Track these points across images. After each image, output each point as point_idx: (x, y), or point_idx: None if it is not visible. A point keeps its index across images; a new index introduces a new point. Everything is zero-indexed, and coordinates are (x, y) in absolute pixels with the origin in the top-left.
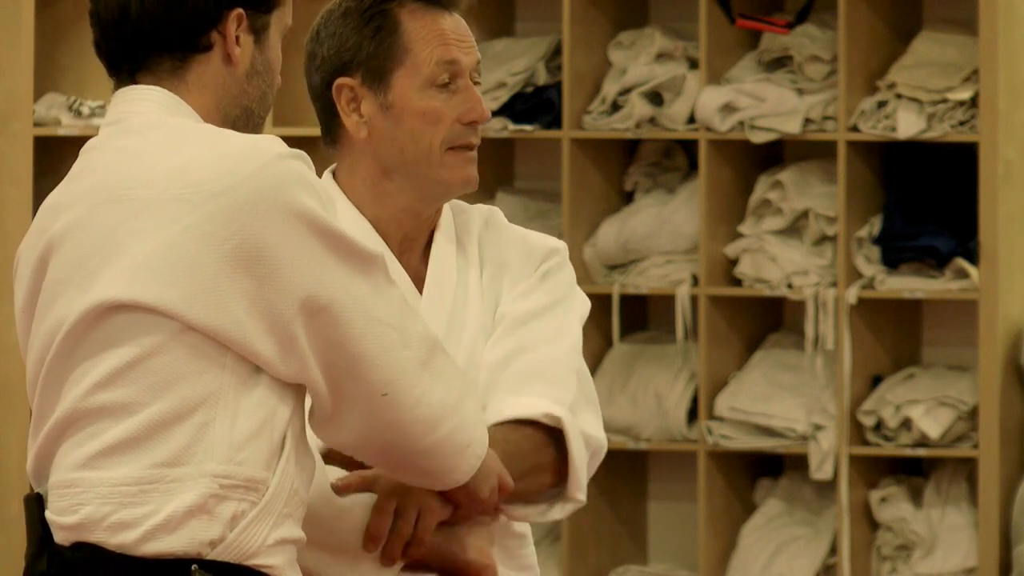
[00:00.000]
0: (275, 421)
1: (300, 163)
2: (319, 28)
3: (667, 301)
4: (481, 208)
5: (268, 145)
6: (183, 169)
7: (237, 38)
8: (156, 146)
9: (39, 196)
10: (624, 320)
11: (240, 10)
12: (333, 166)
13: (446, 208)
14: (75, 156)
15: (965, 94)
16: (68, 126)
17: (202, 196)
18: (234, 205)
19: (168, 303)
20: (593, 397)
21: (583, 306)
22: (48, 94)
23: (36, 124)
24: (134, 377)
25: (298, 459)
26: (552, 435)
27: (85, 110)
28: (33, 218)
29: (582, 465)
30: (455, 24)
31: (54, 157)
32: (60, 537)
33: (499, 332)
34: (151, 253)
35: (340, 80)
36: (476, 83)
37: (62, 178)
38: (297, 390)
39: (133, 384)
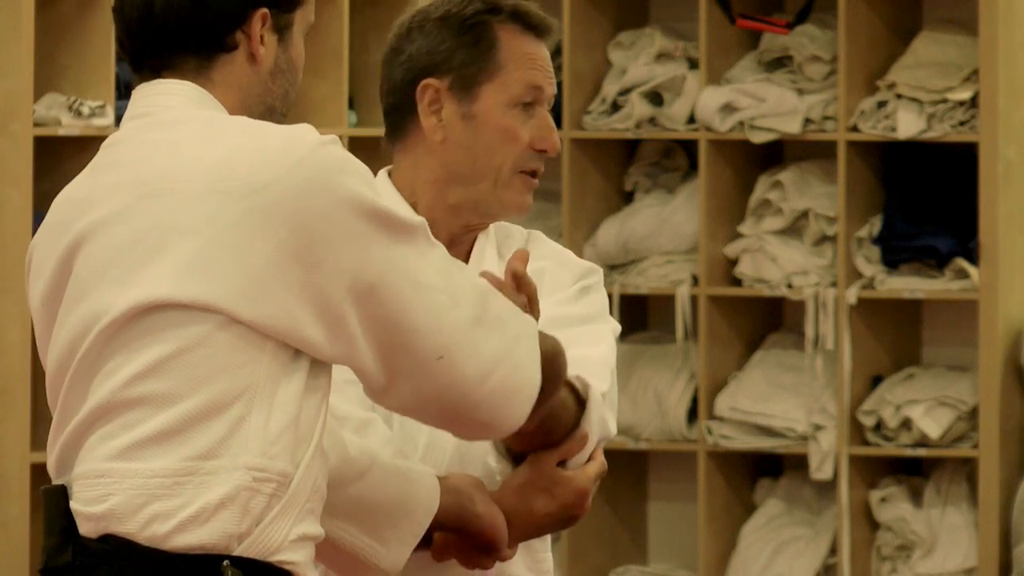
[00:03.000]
0: (304, 415)
1: (338, 147)
2: (411, 26)
3: (667, 301)
4: (522, 229)
5: (306, 134)
6: (225, 162)
7: (261, 37)
8: (193, 139)
9: (39, 196)
10: (624, 320)
11: (265, 9)
12: (388, 168)
13: (492, 225)
14: (75, 156)
15: (965, 94)
16: (68, 126)
17: (246, 189)
18: (280, 197)
19: (218, 299)
20: (614, 404)
21: (615, 328)
22: (48, 94)
23: (36, 124)
24: (175, 368)
25: (320, 453)
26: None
27: (85, 110)
28: (34, 216)
29: (593, 438)
30: (543, 53)
31: (54, 157)
32: (86, 529)
33: None
34: (199, 249)
35: (427, 80)
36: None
37: (62, 178)
38: (327, 383)
39: (173, 376)
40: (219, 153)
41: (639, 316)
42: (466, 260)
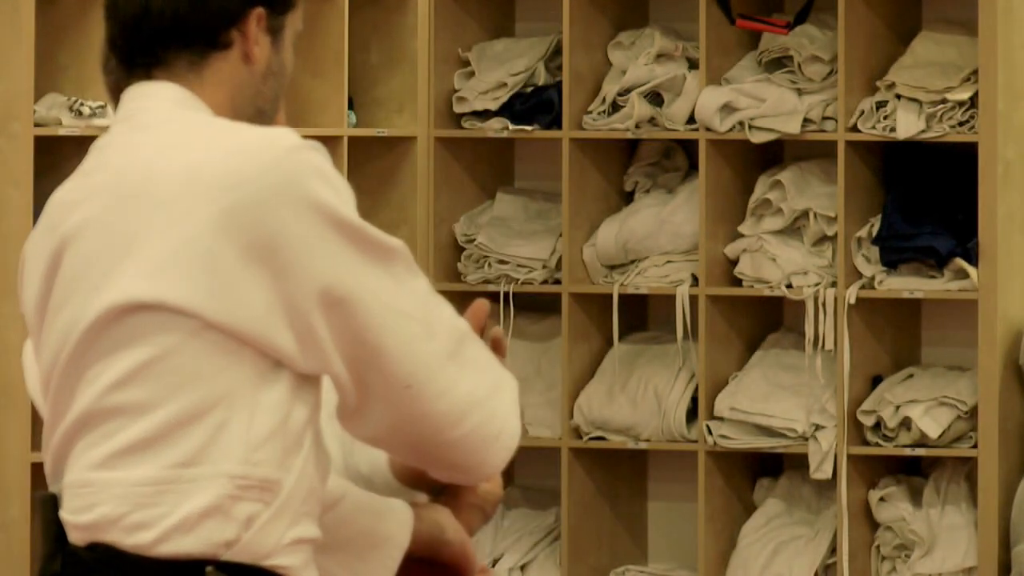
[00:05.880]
0: (292, 420)
1: (316, 154)
2: None
3: (667, 301)
4: None
5: (282, 137)
6: (197, 164)
7: (256, 37)
8: (169, 141)
9: (39, 196)
10: (624, 320)
11: (261, 9)
12: None
13: None
14: (75, 156)
15: (965, 94)
16: (68, 126)
17: (217, 190)
18: (249, 198)
19: (187, 301)
20: None
21: None
22: (48, 94)
23: (36, 124)
24: (151, 376)
25: (316, 458)
26: None
27: (85, 110)
28: (35, 216)
29: None
30: None
31: (54, 157)
32: (75, 537)
33: None
34: (168, 251)
35: None
36: None
37: (62, 178)
38: (315, 388)
39: (150, 384)
40: (193, 154)
41: (639, 316)
42: None
